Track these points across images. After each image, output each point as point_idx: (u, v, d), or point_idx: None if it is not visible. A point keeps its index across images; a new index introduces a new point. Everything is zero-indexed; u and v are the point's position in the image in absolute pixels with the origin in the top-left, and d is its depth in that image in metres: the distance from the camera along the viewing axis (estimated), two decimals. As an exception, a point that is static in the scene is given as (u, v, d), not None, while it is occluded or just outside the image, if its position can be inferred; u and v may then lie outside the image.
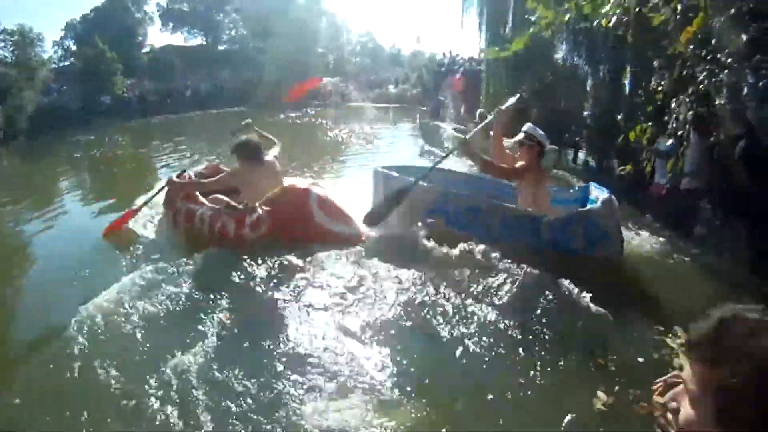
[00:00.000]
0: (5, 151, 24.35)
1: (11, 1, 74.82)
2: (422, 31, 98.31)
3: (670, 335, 4.05)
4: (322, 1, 51.40)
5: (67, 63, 47.85)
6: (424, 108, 24.23)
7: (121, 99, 37.96)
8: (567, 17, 7.66)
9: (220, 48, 53.71)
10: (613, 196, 5.64)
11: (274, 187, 6.28)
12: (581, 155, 11.11)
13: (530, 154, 5.67)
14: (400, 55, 55.99)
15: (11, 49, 43.26)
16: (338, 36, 48.31)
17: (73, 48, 48.66)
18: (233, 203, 6.26)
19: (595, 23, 7.80)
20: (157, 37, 54.13)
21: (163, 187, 7.25)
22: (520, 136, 5.78)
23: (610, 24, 7.28)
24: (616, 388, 3.46)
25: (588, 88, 10.58)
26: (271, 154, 6.69)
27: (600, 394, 3.38)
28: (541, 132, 5.75)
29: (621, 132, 8.48)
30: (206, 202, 6.45)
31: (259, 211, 5.96)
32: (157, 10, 54.21)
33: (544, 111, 12.06)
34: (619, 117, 8.82)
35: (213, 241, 6.01)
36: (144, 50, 52.00)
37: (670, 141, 6.81)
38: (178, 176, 7.27)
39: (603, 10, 7.09)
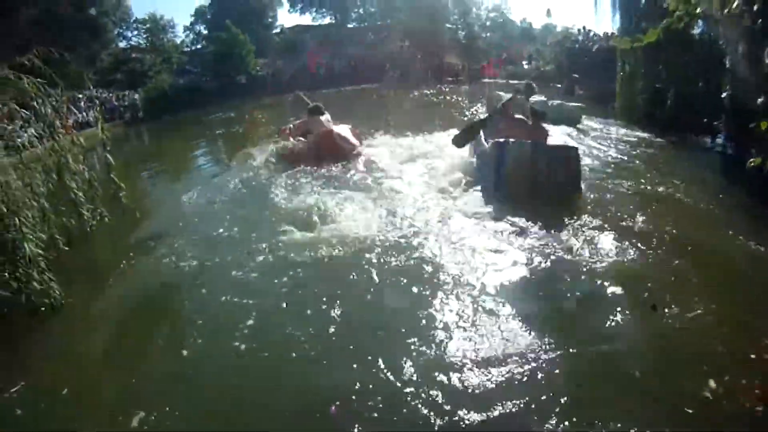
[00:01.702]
0: (147, 128, 27.67)
1: None
2: (553, 4, 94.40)
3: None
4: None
5: (199, 46, 51.70)
6: (559, 85, 24.02)
7: (256, 78, 40.28)
8: (698, 10, 7.77)
9: (350, 26, 54.77)
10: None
11: (327, 128, 10.31)
12: (719, 140, 10.80)
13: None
14: (531, 29, 54.57)
15: (145, 36, 47.38)
16: (467, 11, 48.08)
17: (205, 32, 52.43)
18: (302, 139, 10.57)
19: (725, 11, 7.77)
20: (286, 17, 56.43)
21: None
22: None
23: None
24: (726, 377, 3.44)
25: (727, 67, 10.20)
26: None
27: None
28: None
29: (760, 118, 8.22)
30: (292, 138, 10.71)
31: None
32: (286, -9, 55.98)
33: (682, 95, 11.91)
34: (760, 100, 8.40)
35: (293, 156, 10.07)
36: (275, 31, 54.84)
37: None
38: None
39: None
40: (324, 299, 4.76)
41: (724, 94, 9.80)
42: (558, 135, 8.36)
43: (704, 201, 7.13)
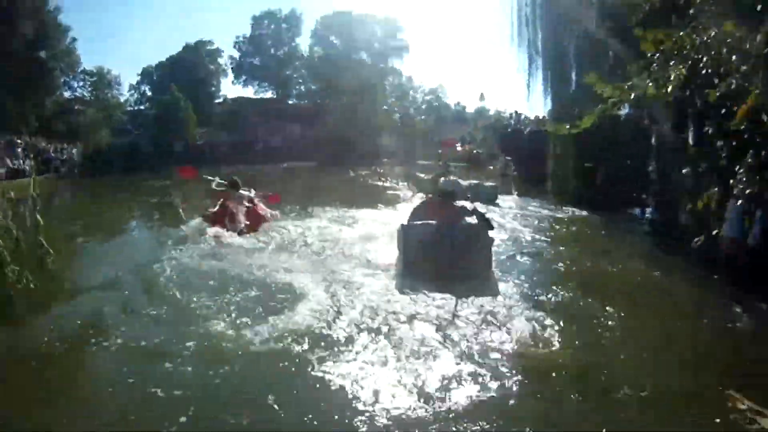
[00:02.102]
0: (82, 185, 26.93)
1: (91, 43, 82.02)
2: (486, 88, 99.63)
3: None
4: (389, 59, 53.79)
5: (142, 107, 51.57)
6: (491, 167, 24.86)
7: (193, 146, 40.04)
8: (632, 96, 8.44)
9: (290, 102, 55.77)
10: None
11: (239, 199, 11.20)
12: (648, 213, 11.43)
13: None
14: (465, 113, 56.96)
15: (90, 89, 46.94)
16: (405, 94, 49.91)
17: (149, 93, 52.42)
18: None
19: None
20: (229, 88, 57.39)
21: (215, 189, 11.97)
22: None
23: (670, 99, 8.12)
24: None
25: (653, 143, 10.82)
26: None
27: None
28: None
29: (686, 188, 8.70)
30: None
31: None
32: (230, 63, 57.25)
33: (611, 171, 12.64)
34: (684, 171, 8.85)
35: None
36: (217, 101, 54.97)
37: (739, 202, 7.10)
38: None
39: (665, 91, 7.92)
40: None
41: (650, 168, 10.45)
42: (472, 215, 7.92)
43: (635, 269, 7.69)
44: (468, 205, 8.49)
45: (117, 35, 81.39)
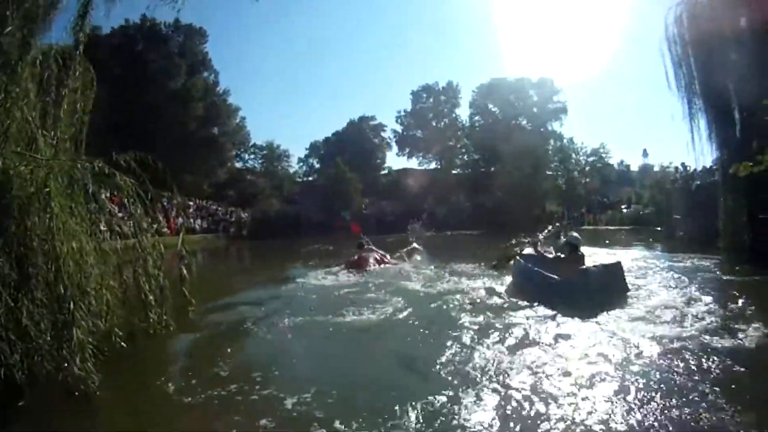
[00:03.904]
0: (248, 246, 29.23)
1: (263, 121, 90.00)
2: (648, 142, 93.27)
3: None
4: (548, 122, 53.06)
5: (310, 178, 55.75)
6: (659, 229, 23.24)
7: (359, 215, 41.34)
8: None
9: (453, 172, 56.48)
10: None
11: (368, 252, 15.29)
12: None
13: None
14: (629, 172, 54.46)
15: (261, 161, 51.66)
16: (567, 158, 48.77)
17: (317, 166, 56.57)
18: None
19: None
20: (393, 159, 60.48)
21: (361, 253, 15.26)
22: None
23: None
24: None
25: None
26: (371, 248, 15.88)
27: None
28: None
29: None
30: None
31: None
32: (394, 137, 60.09)
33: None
34: None
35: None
36: (382, 172, 58.00)
37: None
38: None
39: None
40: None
41: None
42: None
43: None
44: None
45: (286, 114, 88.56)
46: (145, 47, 40.26)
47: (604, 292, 8.45)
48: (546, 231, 15.43)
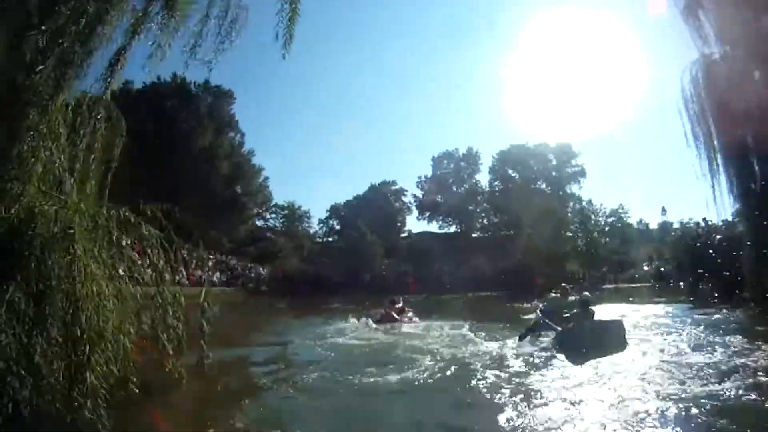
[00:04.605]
0: (266, 301, 29.79)
1: (284, 183, 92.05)
2: (667, 200, 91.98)
3: None
4: (567, 185, 53.30)
5: (330, 239, 56.14)
6: (681, 284, 22.94)
7: (380, 276, 41.81)
8: None
9: (474, 235, 56.56)
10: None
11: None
12: None
13: None
14: (648, 230, 54.12)
15: (282, 221, 52.18)
16: (586, 219, 48.73)
17: (337, 227, 57.15)
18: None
19: None
20: (414, 223, 60.92)
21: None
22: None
23: None
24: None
25: None
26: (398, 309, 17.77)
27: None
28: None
29: None
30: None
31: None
32: (414, 201, 60.53)
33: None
34: None
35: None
36: (402, 235, 58.19)
37: None
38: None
39: None
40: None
41: None
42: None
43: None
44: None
45: (307, 175, 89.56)
46: (175, 105, 41.50)
47: (596, 346, 9.36)
48: (554, 291, 15.51)
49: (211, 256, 31.15)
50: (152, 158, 32.45)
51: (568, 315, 11.41)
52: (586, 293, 12.50)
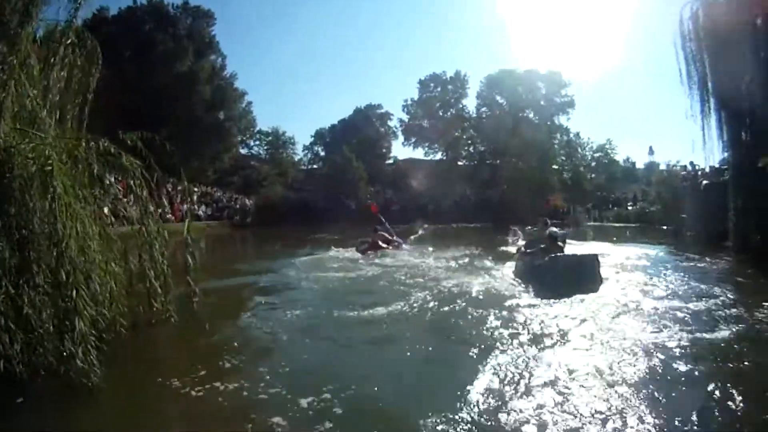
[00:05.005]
0: (252, 233, 29.70)
1: (269, 107, 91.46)
2: (655, 140, 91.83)
3: None
4: (556, 116, 52.80)
5: (315, 166, 55.74)
6: (665, 227, 23.16)
7: (365, 203, 41.16)
8: None
9: (459, 163, 56.21)
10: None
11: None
12: None
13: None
14: (634, 169, 53.98)
15: (265, 147, 51.55)
16: (573, 152, 48.62)
17: (322, 153, 56.73)
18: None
19: None
20: (399, 150, 60.44)
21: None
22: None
23: None
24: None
25: None
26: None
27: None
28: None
29: None
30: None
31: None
32: (400, 126, 59.43)
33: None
34: None
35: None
36: (387, 161, 57.92)
37: None
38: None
39: None
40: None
41: None
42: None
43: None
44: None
45: (292, 100, 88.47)
46: (152, 28, 39.78)
47: (571, 279, 9.58)
48: (537, 225, 16.73)
49: (195, 189, 30.59)
50: (131, 86, 31.44)
51: (532, 251, 11.80)
52: (555, 228, 12.82)
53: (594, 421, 4.21)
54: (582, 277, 9.79)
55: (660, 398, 4.68)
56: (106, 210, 6.15)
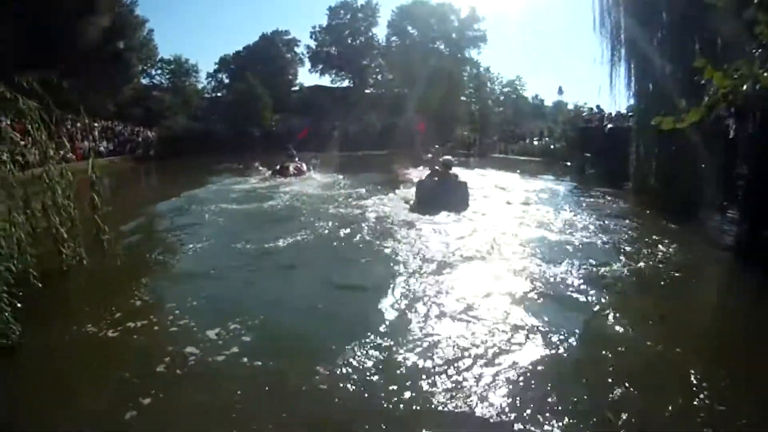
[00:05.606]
0: (156, 166, 29.04)
1: (170, 34, 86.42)
2: (565, 81, 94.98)
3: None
4: (467, 49, 53.25)
5: (219, 94, 53.37)
6: (569, 164, 24.05)
7: (269, 132, 40.91)
8: (744, 87, 7.44)
9: (367, 91, 55.71)
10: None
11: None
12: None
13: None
14: (543, 106, 55.36)
15: (167, 76, 48.92)
16: (482, 85, 49.18)
17: (226, 81, 54.23)
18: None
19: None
20: (306, 77, 59.25)
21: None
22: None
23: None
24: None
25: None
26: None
27: None
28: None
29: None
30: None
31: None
32: (307, 53, 58.08)
33: (699, 175, 11.50)
34: None
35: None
36: (293, 89, 56.27)
37: None
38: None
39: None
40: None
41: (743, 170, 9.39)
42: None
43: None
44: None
45: (194, 26, 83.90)
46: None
47: (438, 200, 11.87)
48: (434, 149, 19.37)
49: (95, 124, 28.60)
50: (20, 17, 28.31)
51: (429, 176, 13.37)
52: (448, 156, 15.32)
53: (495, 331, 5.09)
54: (454, 201, 11.91)
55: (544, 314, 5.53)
56: (4, 156, 5.57)
